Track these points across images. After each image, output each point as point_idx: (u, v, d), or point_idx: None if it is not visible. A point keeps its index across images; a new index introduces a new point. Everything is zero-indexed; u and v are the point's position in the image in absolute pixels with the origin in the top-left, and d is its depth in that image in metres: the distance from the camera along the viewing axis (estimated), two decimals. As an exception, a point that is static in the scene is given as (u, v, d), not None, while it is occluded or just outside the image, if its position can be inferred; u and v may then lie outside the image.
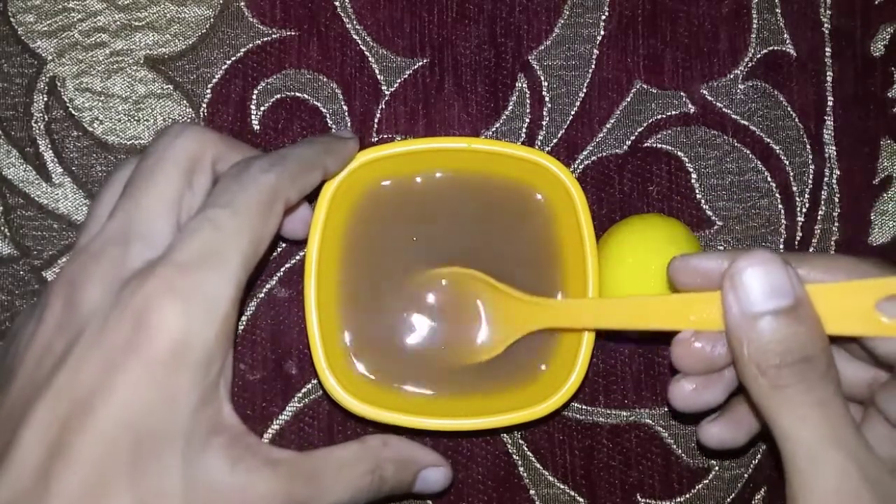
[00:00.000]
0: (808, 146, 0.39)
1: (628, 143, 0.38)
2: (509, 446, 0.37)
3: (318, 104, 0.38)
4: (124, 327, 0.24)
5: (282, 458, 0.27)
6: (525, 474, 0.37)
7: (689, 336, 0.28)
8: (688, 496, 0.37)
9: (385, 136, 0.38)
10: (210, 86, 0.38)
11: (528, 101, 0.38)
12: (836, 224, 0.39)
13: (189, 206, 0.28)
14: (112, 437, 0.24)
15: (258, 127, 0.38)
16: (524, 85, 0.38)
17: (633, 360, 0.38)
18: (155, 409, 0.24)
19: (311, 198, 0.32)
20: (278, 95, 0.38)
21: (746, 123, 0.39)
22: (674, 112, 0.39)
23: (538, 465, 0.37)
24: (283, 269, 0.37)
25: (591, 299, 0.33)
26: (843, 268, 0.27)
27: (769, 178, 0.38)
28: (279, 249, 0.37)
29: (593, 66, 0.39)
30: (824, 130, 0.39)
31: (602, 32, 0.39)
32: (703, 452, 0.37)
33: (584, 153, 0.38)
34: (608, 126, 0.38)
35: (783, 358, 0.24)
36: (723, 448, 0.31)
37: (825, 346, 0.25)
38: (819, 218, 0.39)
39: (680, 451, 0.38)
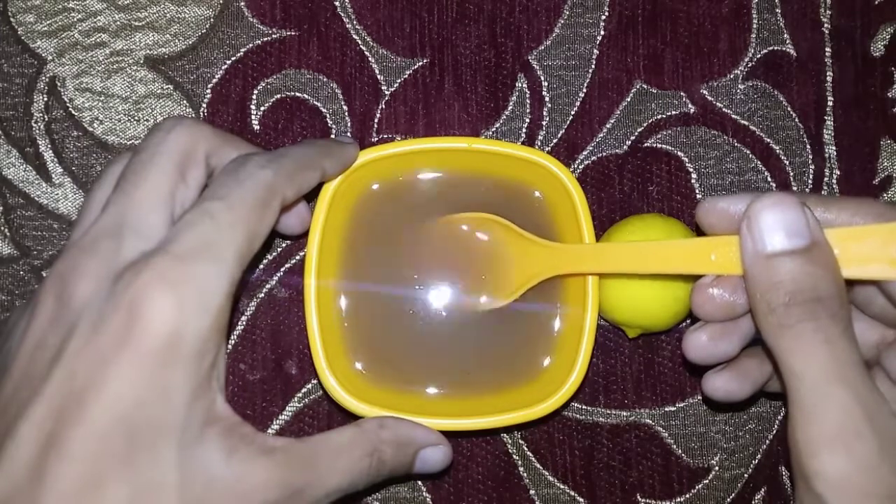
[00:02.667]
0: (808, 146, 0.39)
1: (628, 143, 0.38)
2: (509, 446, 0.37)
3: (318, 104, 0.38)
4: (118, 319, 0.24)
5: (277, 445, 0.27)
6: (525, 474, 0.37)
7: (709, 281, 0.29)
8: (688, 496, 0.37)
9: (385, 136, 0.38)
10: (210, 86, 0.38)
11: (528, 101, 0.38)
12: (836, 224, 0.39)
13: (183, 200, 0.28)
14: (106, 430, 0.24)
15: (258, 127, 0.38)
16: (524, 85, 0.38)
17: (633, 360, 0.38)
18: (149, 402, 0.24)
19: (309, 197, 0.32)
20: (278, 95, 0.38)
21: (746, 123, 0.39)
22: (674, 112, 0.39)
23: (538, 465, 0.37)
24: (283, 269, 0.37)
25: (614, 244, 0.33)
26: (872, 212, 0.27)
27: (769, 178, 0.38)
28: (279, 249, 0.37)
29: (593, 66, 0.39)
30: (824, 130, 0.39)
31: (602, 32, 0.39)
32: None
33: (584, 153, 0.38)
34: (608, 126, 0.38)
35: (793, 297, 0.25)
36: (728, 400, 0.31)
37: (838, 288, 0.25)
38: (819, 218, 0.39)
39: (680, 451, 0.38)
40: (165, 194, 0.27)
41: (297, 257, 0.37)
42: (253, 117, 0.38)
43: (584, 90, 0.38)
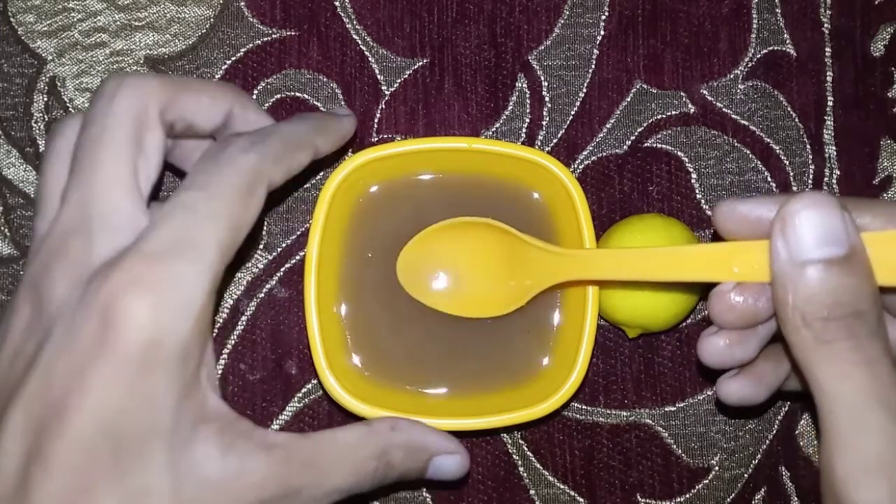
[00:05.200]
0: (808, 146, 0.39)
1: (628, 143, 0.38)
2: (509, 446, 0.37)
3: (318, 104, 0.38)
4: (91, 325, 0.23)
5: (278, 441, 0.26)
6: (525, 474, 0.37)
7: (729, 288, 0.27)
8: (688, 496, 0.37)
9: (385, 136, 0.38)
10: (210, 86, 0.38)
11: (528, 101, 0.38)
12: (836, 224, 0.38)
13: (147, 172, 0.26)
14: (89, 439, 0.23)
15: (258, 127, 0.38)
16: (524, 85, 0.38)
17: (633, 360, 0.38)
18: (131, 409, 0.23)
19: (304, 177, 0.30)
20: (278, 95, 0.38)
21: (746, 123, 0.39)
22: (674, 112, 0.39)
23: (538, 465, 0.37)
24: (283, 269, 0.37)
25: (627, 249, 0.31)
26: None
27: (769, 178, 0.38)
28: (279, 249, 0.37)
29: (593, 66, 0.39)
30: (824, 130, 0.39)
31: (602, 32, 0.39)
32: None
33: (584, 153, 0.38)
34: (608, 126, 0.38)
35: (832, 311, 0.23)
36: (743, 405, 0.29)
37: (876, 300, 0.23)
38: (819, 218, 0.39)
39: (680, 451, 0.38)
40: (127, 174, 0.25)
41: (297, 257, 0.37)
42: (253, 117, 0.38)
43: (584, 90, 0.38)
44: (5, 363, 0.25)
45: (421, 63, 0.38)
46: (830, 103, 0.39)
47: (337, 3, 0.38)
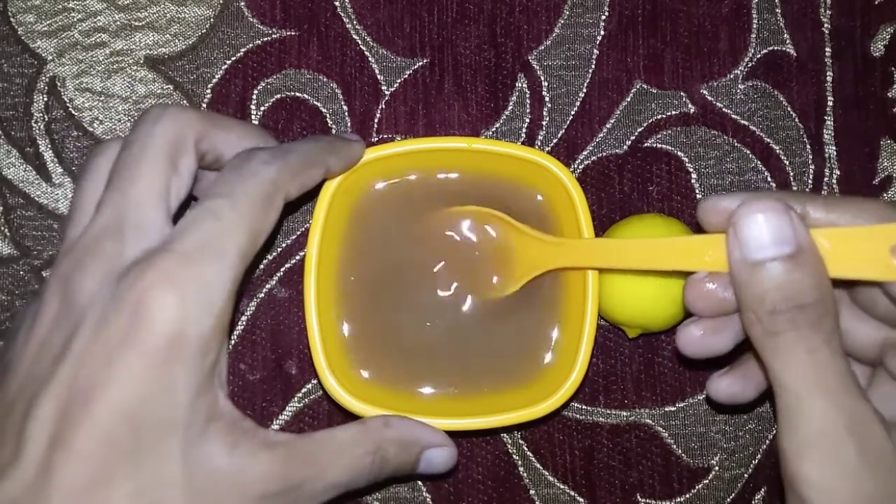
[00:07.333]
0: (808, 146, 0.39)
1: (628, 143, 0.38)
2: (509, 446, 0.37)
3: (318, 104, 0.38)
4: (122, 318, 0.24)
5: (279, 440, 0.27)
6: (525, 474, 0.37)
7: (702, 276, 0.29)
8: (688, 496, 0.37)
9: (385, 136, 0.38)
10: (210, 86, 0.38)
11: (528, 101, 0.38)
12: (836, 224, 0.39)
13: (177, 190, 0.28)
14: (111, 428, 0.24)
15: (258, 127, 0.38)
16: (524, 85, 0.38)
17: (633, 360, 0.38)
18: (153, 399, 0.24)
19: (311, 195, 0.32)
20: (278, 95, 0.38)
21: (746, 123, 0.39)
22: (674, 112, 0.39)
23: (538, 465, 0.37)
24: (283, 269, 0.37)
25: (611, 239, 0.33)
26: (875, 213, 0.27)
27: (769, 178, 0.38)
28: (279, 249, 0.37)
29: (593, 66, 0.39)
30: (824, 130, 0.39)
31: (602, 32, 0.39)
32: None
33: (584, 153, 0.38)
34: (608, 126, 0.38)
35: (777, 305, 0.25)
36: (732, 402, 0.31)
37: (823, 294, 0.25)
38: (819, 218, 0.39)
39: (680, 451, 0.38)
40: (161, 189, 0.27)
41: (297, 257, 0.37)
42: (253, 117, 0.38)
43: (584, 90, 0.38)
44: (33, 352, 0.26)
45: (421, 63, 0.38)
46: (830, 103, 0.39)
47: (337, 3, 0.38)
